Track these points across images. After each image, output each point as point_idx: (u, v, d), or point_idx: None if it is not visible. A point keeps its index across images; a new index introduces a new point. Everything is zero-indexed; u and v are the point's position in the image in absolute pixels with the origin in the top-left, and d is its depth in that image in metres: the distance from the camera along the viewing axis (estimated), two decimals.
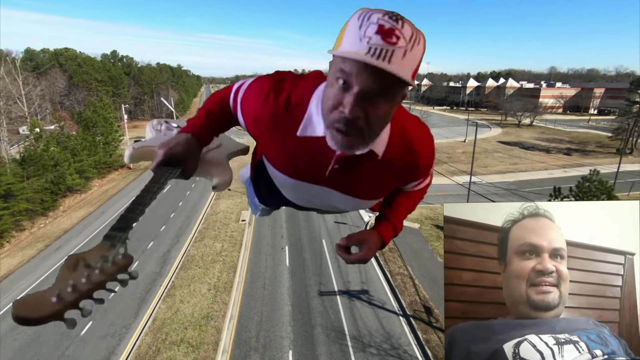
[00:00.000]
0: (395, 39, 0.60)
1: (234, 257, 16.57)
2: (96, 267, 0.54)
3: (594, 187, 14.64)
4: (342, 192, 0.91)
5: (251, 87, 0.90)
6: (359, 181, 0.87)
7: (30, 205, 21.87)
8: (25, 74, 37.46)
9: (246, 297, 13.52)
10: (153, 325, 12.03)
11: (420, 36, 0.64)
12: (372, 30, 0.60)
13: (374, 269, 15.16)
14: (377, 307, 12.71)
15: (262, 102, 0.83)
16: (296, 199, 1.08)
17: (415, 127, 0.86)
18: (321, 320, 12.13)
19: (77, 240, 18.95)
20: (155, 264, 15.98)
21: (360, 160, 0.80)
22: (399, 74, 0.60)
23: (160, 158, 0.85)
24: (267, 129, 0.86)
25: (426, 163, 0.90)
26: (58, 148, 27.39)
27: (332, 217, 20.21)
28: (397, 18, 0.62)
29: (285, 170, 0.91)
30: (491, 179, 28.85)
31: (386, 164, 0.83)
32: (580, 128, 53.49)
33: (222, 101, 0.98)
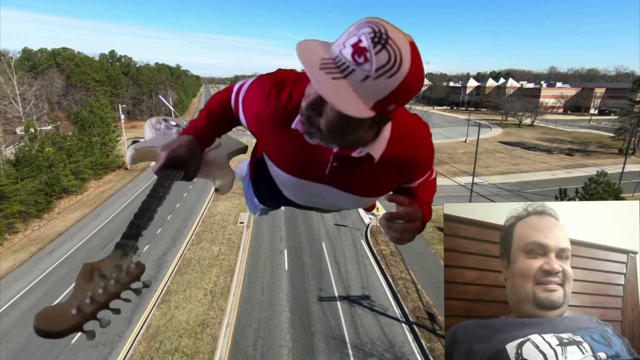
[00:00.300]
0: (363, 59, 0.57)
1: (231, 260, 16.15)
2: (111, 278, 0.55)
3: (601, 188, 14.25)
4: (342, 190, 0.91)
5: (253, 86, 0.90)
6: (358, 179, 0.87)
7: (24, 207, 21.44)
8: (21, 74, 36.97)
9: (243, 303, 13.10)
10: (147, 333, 11.60)
11: (399, 69, 0.57)
12: (351, 41, 0.58)
13: (375, 274, 14.75)
14: (379, 313, 12.30)
15: (264, 100, 0.84)
16: (297, 197, 1.09)
17: (415, 126, 0.85)
18: (321, 328, 11.72)
19: (70, 244, 18.52)
20: (151, 268, 15.55)
21: (359, 161, 0.80)
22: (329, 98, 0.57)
23: (163, 160, 0.85)
24: (269, 127, 0.86)
25: (426, 162, 0.91)
26: (53, 149, 26.95)
27: (332, 219, 19.82)
28: (379, 41, 0.56)
29: (287, 168, 0.92)
30: (493, 179, 28.48)
31: (386, 164, 0.82)
32: (581, 128, 53.22)
33: (223, 102, 0.99)
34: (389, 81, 0.58)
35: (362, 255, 16.29)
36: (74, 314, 0.49)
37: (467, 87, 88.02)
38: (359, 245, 17.25)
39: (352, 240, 17.78)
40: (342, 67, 0.58)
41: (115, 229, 20.01)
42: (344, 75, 0.58)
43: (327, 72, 0.58)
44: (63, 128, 33.45)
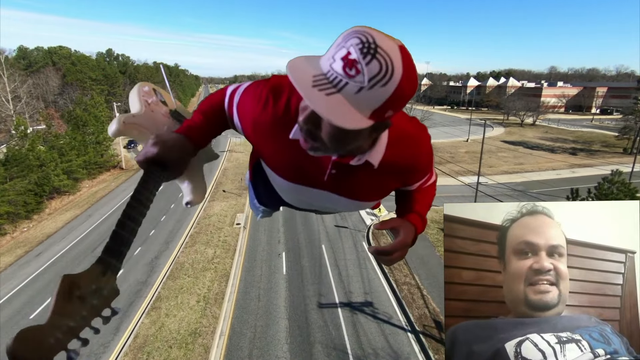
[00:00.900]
0: (354, 72, 0.56)
1: (226, 264, 15.39)
2: (89, 302, 0.53)
3: (616, 188, 13.53)
4: (341, 196, 0.90)
5: (248, 91, 0.89)
6: (358, 185, 0.87)
7: (12, 208, 20.65)
8: (12, 70, 36.13)
9: (239, 310, 12.34)
10: (134, 344, 10.83)
11: (392, 76, 0.57)
12: (340, 54, 0.58)
13: (377, 278, 14.00)
14: (383, 321, 11.55)
15: (261, 109, 0.83)
16: (295, 201, 1.09)
17: (413, 130, 0.85)
18: (321, 337, 10.97)
19: (59, 246, 17.74)
20: (142, 272, 14.80)
21: (358, 167, 0.80)
22: (325, 116, 0.56)
23: (152, 156, 0.79)
24: (266, 135, 0.85)
25: (425, 166, 0.91)
26: (45, 147, 26.17)
27: (332, 220, 19.07)
28: (368, 51, 0.56)
29: (285, 174, 0.91)
30: (497, 179, 27.76)
31: (385, 169, 0.82)
32: (584, 127, 52.63)
33: (216, 104, 0.96)
34: (383, 90, 0.57)
35: (363, 259, 15.53)
36: (52, 343, 0.46)
37: (468, 86, 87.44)
38: (360, 248, 16.49)
39: (353, 243, 17.03)
40: (335, 81, 0.57)
41: (105, 232, 19.24)
42: (338, 90, 0.57)
43: (320, 89, 0.57)
44: (56, 127, 32.62)
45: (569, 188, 15.23)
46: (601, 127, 52.82)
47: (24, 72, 41.73)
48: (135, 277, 14.30)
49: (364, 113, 0.59)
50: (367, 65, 0.55)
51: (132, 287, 13.62)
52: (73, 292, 0.51)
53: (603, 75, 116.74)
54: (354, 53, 0.56)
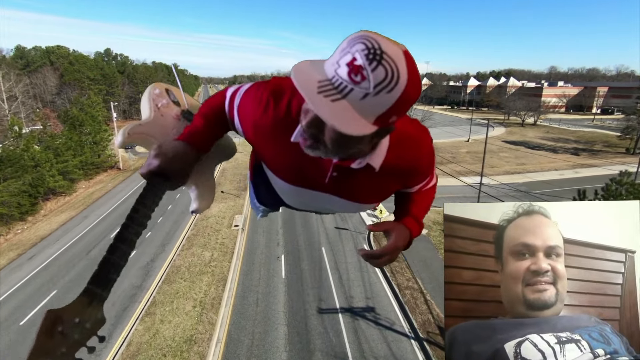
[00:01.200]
0: (360, 78, 0.56)
1: (224, 267, 14.98)
2: (70, 337, 0.53)
3: (625, 189, 13.13)
4: (342, 198, 0.90)
5: (249, 94, 0.88)
6: (359, 188, 0.87)
7: (6, 209, 20.23)
8: (6, 69, 35.69)
9: (236, 316, 11.94)
10: (127, 351, 10.43)
11: (398, 83, 0.57)
12: (345, 60, 0.57)
13: (379, 282, 13.60)
14: (385, 328, 11.15)
15: (262, 111, 0.82)
16: (296, 203, 1.09)
17: (414, 132, 0.84)
18: (321, 344, 10.57)
19: (52, 249, 17.32)
20: (137, 276, 14.39)
21: (359, 170, 0.80)
22: (330, 122, 0.56)
23: (154, 169, 0.82)
24: (267, 138, 0.85)
25: (426, 168, 0.90)
26: (40, 148, 25.74)
27: (333, 222, 18.67)
28: (374, 57, 0.55)
29: (285, 176, 0.91)
30: (499, 179, 27.38)
31: (386, 172, 0.81)
32: (585, 127, 52.26)
33: (217, 107, 0.95)
34: (388, 96, 0.57)
35: (364, 262, 14.99)
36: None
37: (468, 86, 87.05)
38: None
39: (353, 245, 16.62)
40: (340, 87, 0.57)
41: (101, 233, 18.84)
42: (343, 96, 0.57)
43: (325, 95, 0.57)
44: (52, 127, 32.19)
45: (573, 188, 14.85)
46: (603, 127, 52.44)
47: (20, 72, 41.23)
48: (130, 281, 13.89)
49: (369, 119, 0.59)
50: (373, 71, 0.55)
51: (126, 292, 13.22)
52: (55, 327, 0.52)
53: (603, 75, 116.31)
54: (359, 59, 0.55)
